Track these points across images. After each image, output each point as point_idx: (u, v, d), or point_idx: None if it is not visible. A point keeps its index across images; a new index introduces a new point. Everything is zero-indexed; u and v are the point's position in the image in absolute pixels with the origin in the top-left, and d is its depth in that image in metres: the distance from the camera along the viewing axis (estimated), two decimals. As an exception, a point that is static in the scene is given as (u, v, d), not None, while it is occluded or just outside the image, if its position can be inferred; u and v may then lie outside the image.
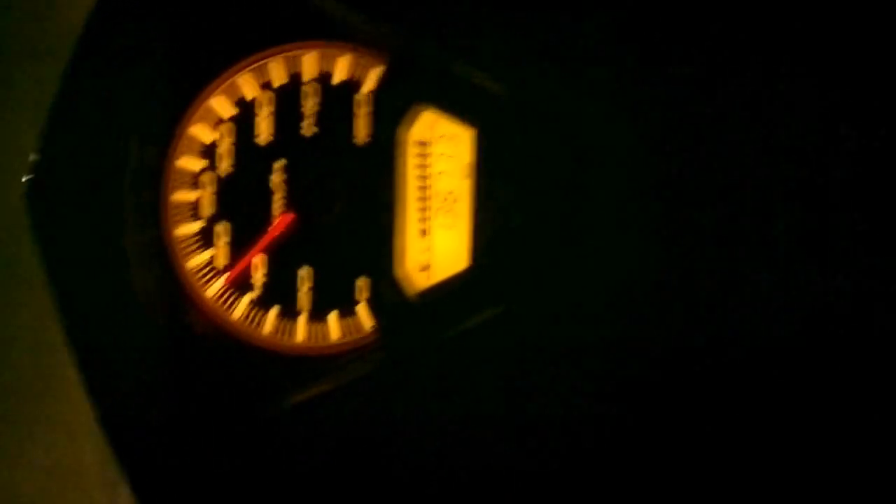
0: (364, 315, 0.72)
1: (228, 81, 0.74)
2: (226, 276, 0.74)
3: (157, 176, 0.75)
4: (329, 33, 0.72)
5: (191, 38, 0.73)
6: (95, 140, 0.73)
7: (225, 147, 0.74)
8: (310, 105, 0.72)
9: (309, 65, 0.72)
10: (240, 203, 0.74)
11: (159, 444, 0.72)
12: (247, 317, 0.74)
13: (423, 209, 0.71)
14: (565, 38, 0.65)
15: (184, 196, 0.75)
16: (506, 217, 0.68)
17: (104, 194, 0.73)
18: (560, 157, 0.67)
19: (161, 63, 0.73)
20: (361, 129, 0.72)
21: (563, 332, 0.67)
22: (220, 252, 0.74)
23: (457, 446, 0.68)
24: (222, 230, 0.74)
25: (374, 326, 0.72)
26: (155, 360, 0.73)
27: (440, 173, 0.71)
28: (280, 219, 0.73)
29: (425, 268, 0.71)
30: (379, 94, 0.71)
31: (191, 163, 0.74)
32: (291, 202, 0.73)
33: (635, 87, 0.65)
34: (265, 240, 0.73)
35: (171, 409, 0.73)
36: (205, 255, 0.75)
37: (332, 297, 0.73)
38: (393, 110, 0.70)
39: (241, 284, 0.74)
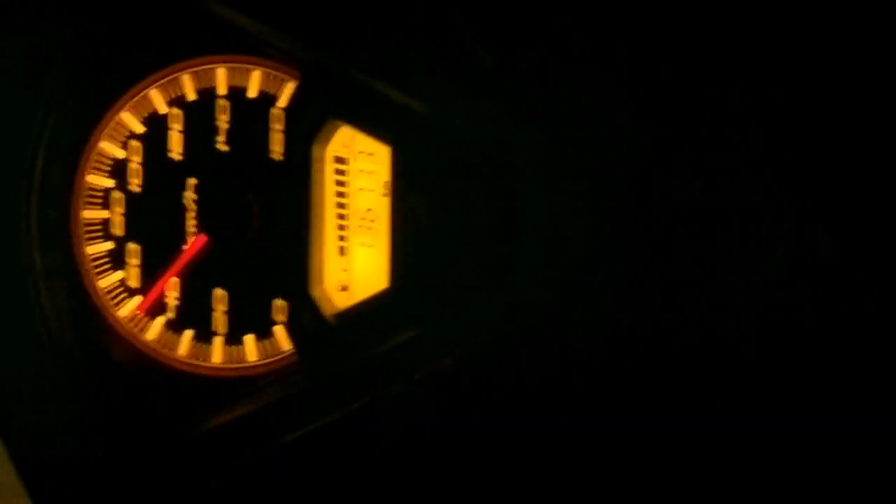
0: (282, 337, 0.70)
1: (139, 96, 0.71)
2: (139, 300, 0.72)
3: (65, 193, 0.72)
4: (241, 48, 0.70)
5: (99, 51, 0.71)
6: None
7: (136, 164, 0.71)
8: (223, 121, 0.70)
9: (221, 79, 0.70)
10: (152, 222, 0.71)
11: (70, 472, 0.69)
12: (161, 339, 0.72)
13: (342, 227, 0.70)
14: (483, 55, 0.64)
15: (94, 214, 0.72)
16: (424, 236, 0.67)
17: (8, 211, 0.70)
18: (479, 174, 0.66)
19: (69, 76, 0.71)
20: (276, 146, 0.70)
21: (484, 353, 0.66)
22: (131, 273, 0.72)
23: (377, 469, 0.67)
24: (134, 250, 0.72)
25: (292, 348, 0.70)
26: (64, 384, 0.71)
27: (360, 190, 0.69)
28: (193, 241, 0.71)
29: (344, 288, 0.70)
30: (293, 109, 0.69)
31: (101, 179, 0.72)
32: (205, 221, 0.71)
33: (555, 102, 0.64)
34: (178, 263, 0.71)
35: (84, 434, 0.71)
36: (117, 275, 0.72)
37: (248, 318, 0.71)
38: (308, 126, 0.68)
39: (155, 309, 0.72)
